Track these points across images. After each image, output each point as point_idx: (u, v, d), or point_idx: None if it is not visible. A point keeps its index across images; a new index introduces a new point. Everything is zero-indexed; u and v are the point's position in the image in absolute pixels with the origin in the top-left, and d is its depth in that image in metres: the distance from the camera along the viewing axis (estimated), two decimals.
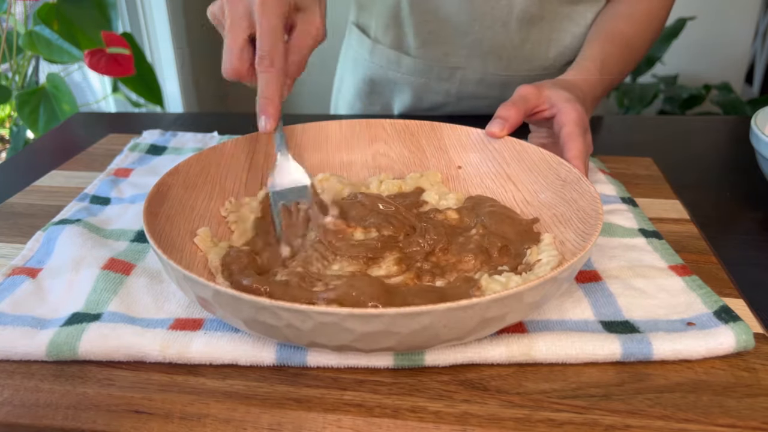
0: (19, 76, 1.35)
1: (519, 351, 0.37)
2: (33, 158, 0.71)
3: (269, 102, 0.46)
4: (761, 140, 0.55)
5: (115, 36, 1.25)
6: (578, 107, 0.53)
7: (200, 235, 0.46)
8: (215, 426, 0.33)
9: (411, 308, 0.31)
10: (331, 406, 0.34)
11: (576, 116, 0.52)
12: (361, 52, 0.85)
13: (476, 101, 0.81)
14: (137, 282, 0.44)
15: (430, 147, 0.58)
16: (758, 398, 0.35)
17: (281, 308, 0.32)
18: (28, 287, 0.43)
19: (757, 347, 0.38)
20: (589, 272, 0.45)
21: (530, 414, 0.34)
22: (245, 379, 0.36)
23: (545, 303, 0.37)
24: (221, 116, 0.82)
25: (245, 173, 0.54)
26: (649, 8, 0.69)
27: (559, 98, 0.54)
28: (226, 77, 0.48)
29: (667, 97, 1.87)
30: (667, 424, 0.33)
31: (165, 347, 0.37)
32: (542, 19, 0.73)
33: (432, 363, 0.37)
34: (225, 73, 0.47)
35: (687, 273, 0.44)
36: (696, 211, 0.56)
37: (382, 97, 0.86)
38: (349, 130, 0.59)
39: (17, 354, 0.38)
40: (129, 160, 0.66)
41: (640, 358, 0.37)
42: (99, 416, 0.34)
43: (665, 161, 0.66)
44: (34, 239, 0.49)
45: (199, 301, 0.36)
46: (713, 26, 1.90)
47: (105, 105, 1.70)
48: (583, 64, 0.63)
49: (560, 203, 0.48)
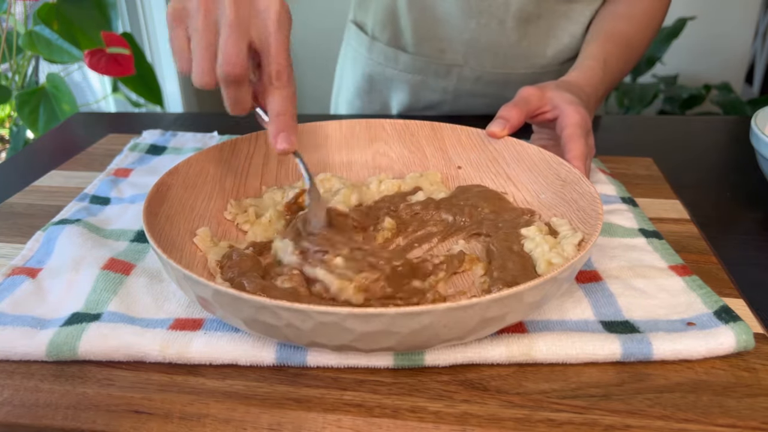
0: (19, 76, 1.35)
1: (519, 351, 0.37)
2: (33, 158, 0.71)
3: (290, 118, 0.43)
4: (761, 140, 0.55)
5: (115, 36, 1.25)
6: (581, 109, 0.53)
7: (200, 235, 0.46)
8: (215, 426, 0.33)
9: (411, 308, 0.31)
10: (331, 406, 0.34)
11: (578, 118, 0.52)
12: (359, 49, 0.85)
13: (474, 99, 0.81)
14: (137, 282, 0.44)
15: (430, 147, 0.58)
16: (758, 398, 0.35)
17: (281, 308, 0.32)
18: (28, 287, 0.43)
19: (757, 347, 0.38)
20: (589, 272, 0.45)
21: (530, 414, 0.34)
22: (245, 379, 0.36)
23: (545, 303, 0.37)
24: (221, 116, 0.82)
25: (245, 173, 0.54)
26: (647, 8, 0.69)
27: (561, 100, 0.54)
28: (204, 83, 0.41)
29: (667, 97, 1.87)
30: (667, 424, 0.33)
31: (165, 347, 0.37)
32: (539, 17, 0.73)
33: (432, 363, 0.37)
34: (227, 76, 0.41)
35: (687, 273, 0.44)
36: (696, 211, 0.55)
37: (381, 96, 0.86)
38: (349, 130, 0.59)
39: (17, 354, 0.38)
40: (129, 160, 0.66)
41: (640, 358, 0.37)
42: (99, 416, 0.34)
43: (665, 161, 0.66)
44: (34, 239, 0.49)
45: (199, 300, 0.36)
46: (713, 26, 1.90)
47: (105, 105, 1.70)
48: (586, 63, 0.63)
49: (560, 203, 0.48)
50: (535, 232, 0.45)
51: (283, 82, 0.43)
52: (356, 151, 0.59)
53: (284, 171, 0.57)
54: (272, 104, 0.43)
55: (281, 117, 0.43)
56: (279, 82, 0.42)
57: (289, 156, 0.57)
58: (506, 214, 0.50)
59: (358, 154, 0.59)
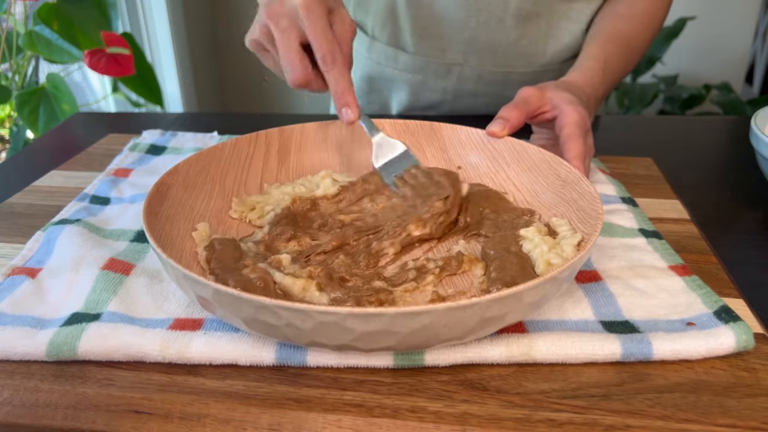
0: (19, 76, 1.35)
1: (519, 351, 0.37)
2: (33, 158, 0.71)
3: (347, 93, 0.50)
4: (761, 140, 0.55)
5: (115, 36, 1.25)
6: (580, 109, 0.53)
7: (199, 229, 0.46)
8: (215, 426, 0.33)
9: (411, 308, 0.31)
10: (331, 406, 0.34)
11: (577, 118, 0.52)
12: (359, 49, 0.85)
13: (474, 99, 0.81)
14: (137, 282, 0.44)
15: (431, 147, 0.58)
16: (758, 398, 0.35)
17: (281, 307, 0.32)
18: (28, 287, 0.43)
19: (757, 347, 0.38)
20: (589, 272, 0.45)
21: (530, 414, 0.34)
22: (245, 379, 0.36)
23: (545, 303, 0.37)
24: (221, 116, 0.82)
25: (245, 173, 0.54)
26: (648, 8, 0.69)
27: (561, 100, 0.54)
28: (294, 86, 0.50)
29: (667, 97, 1.87)
30: (667, 424, 0.33)
31: (165, 347, 0.37)
32: (539, 16, 0.73)
33: (432, 363, 0.37)
34: (293, 83, 0.50)
35: (687, 273, 0.44)
36: (696, 211, 0.55)
37: (381, 96, 0.86)
38: (350, 129, 0.59)
39: (17, 354, 0.38)
40: (129, 160, 0.66)
41: (640, 358, 0.37)
42: (99, 416, 0.34)
43: (665, 161, 0.66)
44: (34, 239, 0.49)
45: (198, 300, 0.36)
46: (713, 26, 1.90)
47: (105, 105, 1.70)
48: (586, 64, 0.63)
49: (560, 203, 0.48)
50: (534, 233, 0.45)
51: (329, 65, 0.49)
52: (357, 151, 0.59)
53: (284, 170, 0.57)
54: (330, 86, 0.50)
55: (338, 96, 0.50)
56: (326, 66, 0.49)
57: (289, 155, 0.57)
58: (506, 214, 0.50)
59: (358, 154, 0.59)
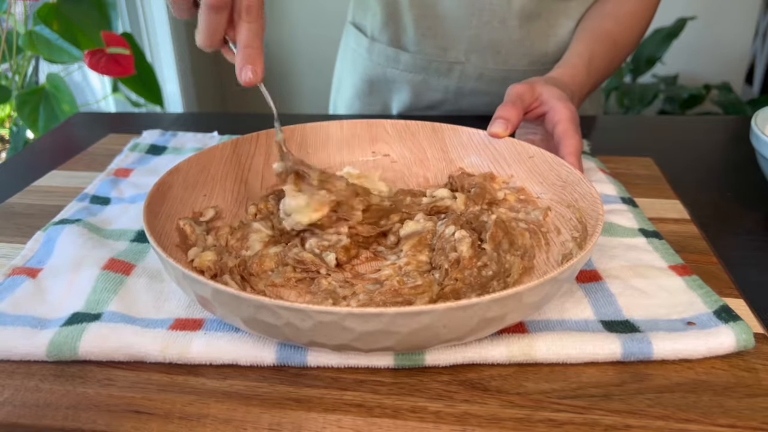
0: (19, 76, 1.35)
1: (519, 351, 0.37)
2: (33, 158, 0.71)
3: (257, 52, 0.45)
4: (761, 140, 0.55)
5: (115, 36, 1.25)
6: (570, 105, 0.54)
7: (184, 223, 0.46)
8: (215, 426, 0.33)
9: (411, 308, 0.31)
10: (331, 406, 0.34)
11: (569, 114, 0.53)
12: (359, 51, 0.85)
13: (475, 98, 0.81)
14: (137, 282, 0.44)
15: (431, 148, 0.58)
16: (758, 398, 0.35)
17: (281, 307, 0.32)
18: (28, 287, 0.43)
19: (758, 347, 0.38)
20: (589, 272, 0.45)
21: (530, 414, 0.34)
22: (245, 379, 0.36)
23: (545, 303, 0.37)
24: (221, 116, 0.82)
25: (245, 173, 0.54)
26: (635, 8, 0.70)
27: (551, 95, 0.55)
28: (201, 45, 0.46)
29: (667, 97, 1.87)
30: (667, 424, 0.33)
31: (165, 347, 0.37)
32: (539, 16, 0.73)
33: (432, 363, 0.37)
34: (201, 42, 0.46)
35: (687, 273, 0.44)
36: (696, 211, 0.55)
37: (381, 97, 0.86)
38: (350, 130, 0.59)
39: (17, 354, 0.38)
40: (129, 160, 0.66)
41: (641, 358, 0.37)
42: (99, 416, 0.34)
43: (665, 161, 0.66)
44: (34, 239, 0.49)
45: (199, 300, 0.36)
46: (713, 26, 1.90)
47: (105, 105, 1.70)
48: (571, 61, 0.64)
49: (561, 204, 0.48)
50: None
51: (253, 17, 0.45)
52: (357, 151, 0.59)
53: None
54: (240, 36, 0.45)
55: (248, 49, 0.45)
56: (249, 16, 0.44)
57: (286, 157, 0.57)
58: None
59: (358, 154, 0.59)
